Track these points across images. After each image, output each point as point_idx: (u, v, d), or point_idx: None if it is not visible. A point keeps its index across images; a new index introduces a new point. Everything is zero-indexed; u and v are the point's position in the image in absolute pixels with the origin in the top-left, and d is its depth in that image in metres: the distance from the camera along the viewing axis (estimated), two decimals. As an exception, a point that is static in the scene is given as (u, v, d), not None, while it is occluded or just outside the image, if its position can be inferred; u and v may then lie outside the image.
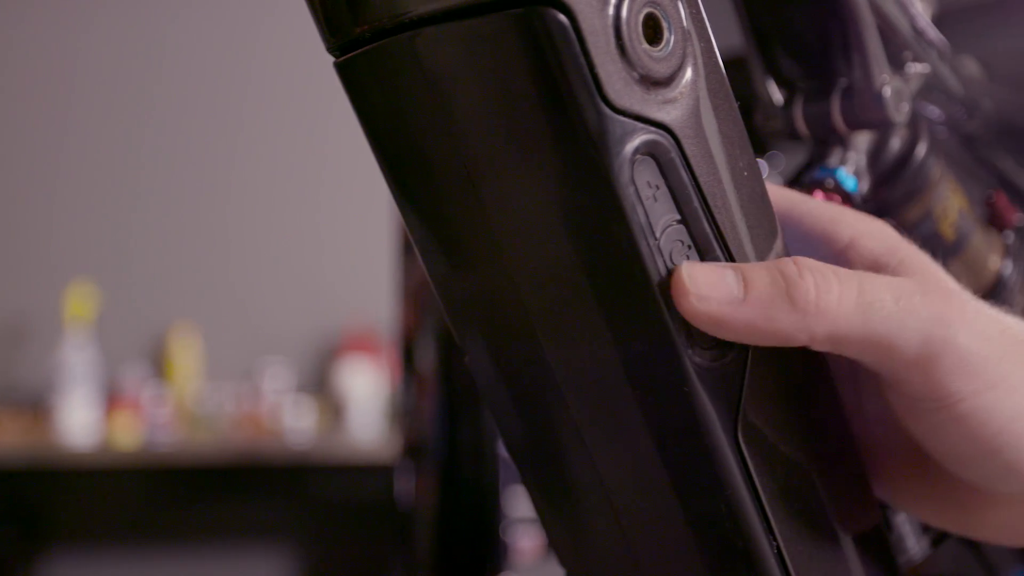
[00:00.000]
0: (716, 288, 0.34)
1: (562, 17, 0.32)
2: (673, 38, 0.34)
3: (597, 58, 0.32)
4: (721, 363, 0.36)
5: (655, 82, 0.34)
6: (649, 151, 0.34)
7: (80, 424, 3.06)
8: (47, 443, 3.03)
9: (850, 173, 0.51)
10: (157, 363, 3.28)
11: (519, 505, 0.97)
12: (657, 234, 0.34)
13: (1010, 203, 0.61)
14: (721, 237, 0.36)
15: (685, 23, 0.35)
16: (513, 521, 0.99)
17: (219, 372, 3.27)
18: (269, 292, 3.32)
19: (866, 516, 0.42)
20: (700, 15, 0.36)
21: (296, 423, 3.16)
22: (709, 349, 0.36)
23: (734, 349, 0.36)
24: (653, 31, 0.34)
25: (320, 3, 0.35)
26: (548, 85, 0.32)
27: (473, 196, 0.35)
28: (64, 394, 3.05)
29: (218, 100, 3.32)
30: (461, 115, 0.34)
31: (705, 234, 0.35)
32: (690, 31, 0.35)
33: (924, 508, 0.43)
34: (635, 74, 0.33)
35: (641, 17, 0.33)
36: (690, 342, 0.35)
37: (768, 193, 0.38)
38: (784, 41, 0.51)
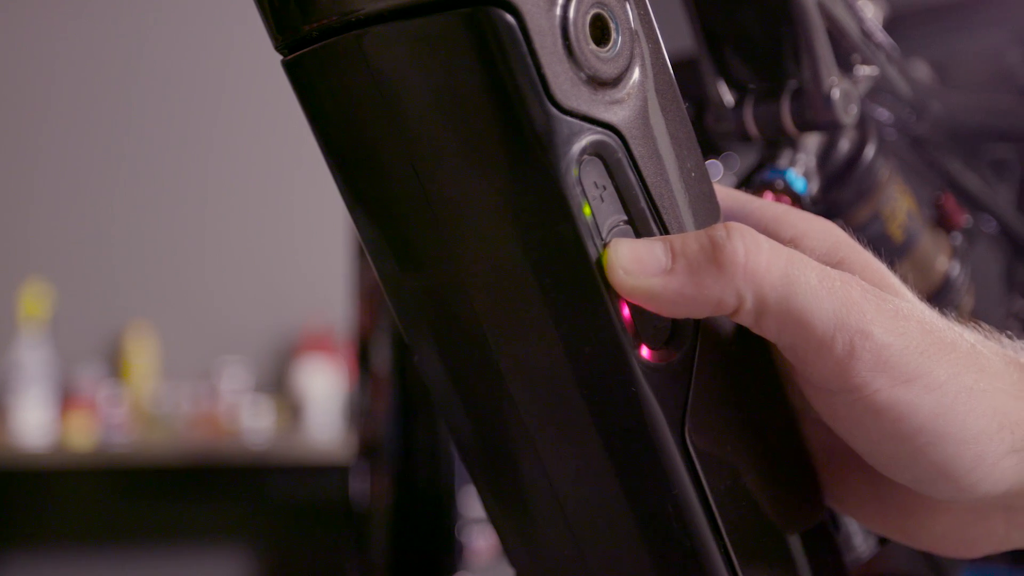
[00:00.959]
0: (643, 261, 0.34)
1: (509, 17, 0.32)
2: (621, 39, 0.34)
3: (544, 58, 0.32)
4: (668, 363, 0.36)
5: (602, 83, 0.34)
6: (596, 151, 0.34)
7: (34, 424, 3.03)
8: (1, 444, 3.00)
9: (799, 174, 0.51)
10: (113, 363, 3.25)
11: (474, 505, 0.98)
12: (604, 235, 0.34)
13: (958, 205, 0.61)
14: (669, 238, 0.36)
15: (633, 24, 0.35)
16: (468, 521, 0.99)
17: (176, 372, 3.25)
18: (226, 291, 3.30)
19: (813, 514, 0.43)
20: (648, 16, 0.36)
21: (254, 423, 3.14)
22: (656, 349, 0.36)
23: (681, 349, 0.36)
24: (600, 31, 0.34)
25: (268, 2, 0.35)
26: (495, 85, 0.32)
27: (420, 195, 0.35)
28: (18, 394, 3.02)
29: (175, 99, 3.29)
30: (408, 114, 0.34)
31: (652, 234, 0.35)
32: (638, 32, 0.35)
33: (868, 513, 0.43)
34: (582, 74, 0.33)
35: (588, 18, 0.33)
36: (637, 342, 0.35)
37: (716, 194, 0.39)
38: (735, 43, 0.51)
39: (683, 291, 0.34)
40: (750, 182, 0.52)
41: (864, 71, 0.52)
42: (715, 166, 0.68)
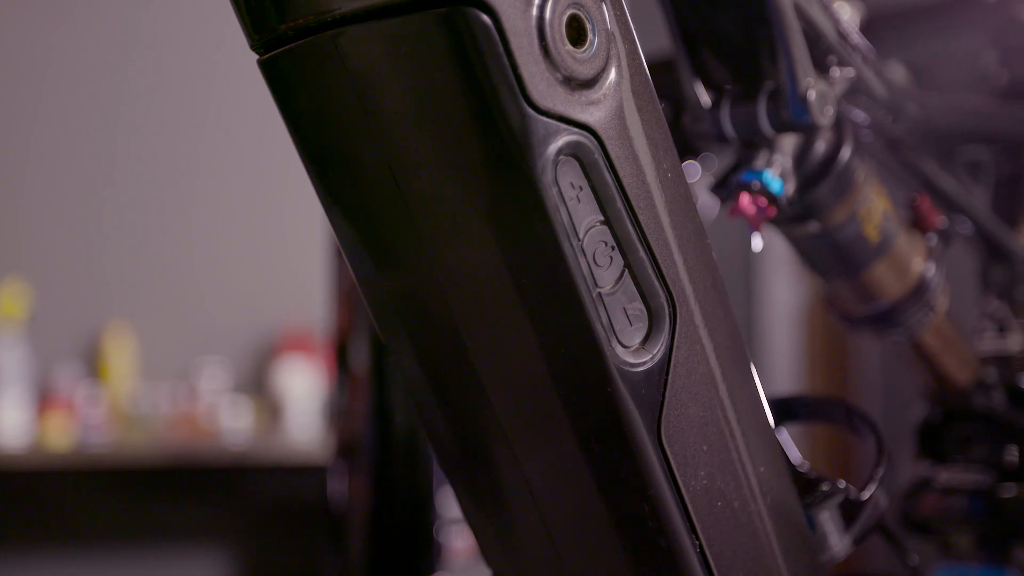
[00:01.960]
0: None
1: (485, 17, 0.32)
2: (597, 40, 0.34)
3: (520, 59, 0.32)
4: (644, 364, 0.36)
5: (579, 83, 0.34)
6: (572, 152, 0.34)
7: (11, 425, 3.01)
8: (-23, 444, 2.98)
9: (776, 175, 0.51)
10: (91, 363, 3.23)
11: (453, 506, 0.97)
12: (580, 235, 0.34)
13: (933, 206, 0.62)
14: (644, 238, 0.36)
15: (609, 25, 0.35)
16: (447, 522, 0.99)
17: (154, 372, 3.23)
18: (205, 291, 3.29)
19: (788, 514, 0.43)
20: (624, 17, 0.36)
21: (233, 424, 3.13)
22: (632, 350, 0.36)
23: (657, 351, 0.36)
24: (577, 32, 0.34)
25: (244, 1, 0.35)
26: (471, 85, 0.32)
27: (396, 195, 0.35)
28: (-5, 394, 3.00)
29: (154, 100, 3.28)
30: (384, 114, 0.34)
31: (628, 235, 0.36)
32: (614, 33, 0.35)
33: None
34: (558, 75, 0.33)
35: (565, 18, 0.34)
36: (613, 343, 0.35)
37: (692, 194, 0.39)
38: (712, 44, 0.51)
39: None
40: (726, 183, 0.52)
41: (840, 73, 0.52)
42: (693, 167, 0.68)
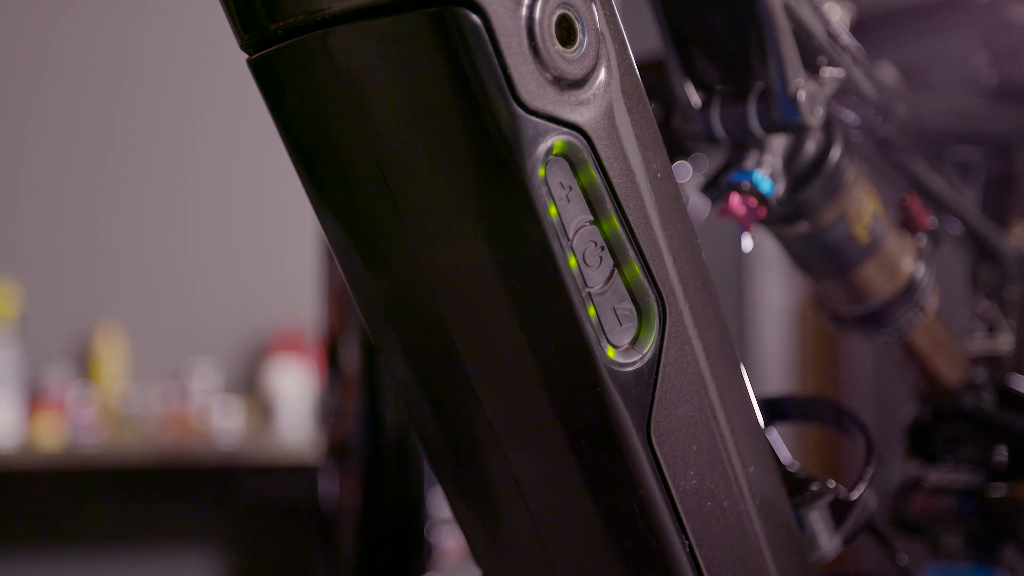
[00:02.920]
0: None
1: (475, 17, 0.32)
2: (587, 40, 0.34)
3: (510, 58, 0.32)
4: (633, 364, 0.36)
5: (568, 83, 0.34)
6: (562, 152, 0.34)
7: (2, 425, 3.00)
8: (-32, 444, 2.97)
9: (766, 175, 0.51)
10: (82, 363, 3.22)
11: (443, 506, 0.97)
12: (570, 235, 0.34)
13: (923, 206, 0.62)
14: (634, 238, 0.36)
15: (599, 25, 0.35)
16: (437, 522, 0.99)
17: (146, 372, 3.22)
18: (197, 291, 3.28)
19: (778, 514, 0.43)
20: (614, 17, 0.36)
21: (224, 424, 3.12)
22: (622, 350, 0.36)
23: (647, 350, 0.36)
24: (566, 32, 0.34)
25: (234, 1, 0.35)
26: (461, 85, 0.32)
27: (386, 195, 0.35)
28: (-15, 394, 2.99)
29: (144, 100, 3.27)
30: (374, 114, 0.34)
31: (618, 235, 0.36)
32: (604, 33, 0.35)
33: None
34: (548, 75, 0.33)
35: (554, 18, 0.34)
36: (603, 343, 0.35)
37: (682, 195, 0.39)
38: (702, 44, 0.51)
39: None
40: (717, 183, 0.52)
41: (830, 73, 0.52)
42: (683, 167, 0.68)
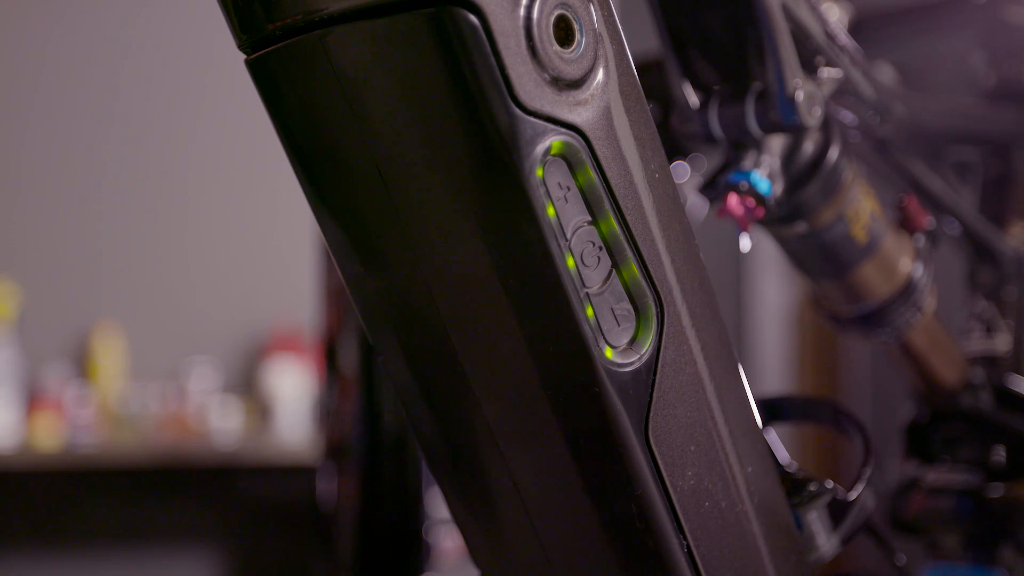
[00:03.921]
0: None
1: (472, 17, 0.32)
2: (585, 40, 0.34)
3: (508, 59, 0.32)
4: (632, 365, 0.36)
5: (566, 84, 0.34)
6: (560, 152, 0.34)
7: (0, 425, 3.00)
8: (-35, 445, 2.97)
9: (764, 176, 0.51)
10: (80, 363, 3.22)
11: (441, 506, 0.97)
12: (568, 235, 0.34)
13: (921, 207, 0.62)
14: (632, 239, 0.36)
15: (597, 25, 0.35)
16: (435, 522, 0.99)
17: (144, 372, 3.22)
18: (195, 291, 3.28)
19: (776, 514, 0.43)
20: (612, 18, 0.36)
21: (222, 424, 3.12)
22: (620, 351, 0.36)
23: (644, 351, 0.36)
24: (564, 33, 0.34)
25: (232, 1, 0.35)
26: (458, 85, 0.32)
27: (384, 196, 0.35)
28: (-17, 394, 2.99)
29: (142, 100, 3.27)
30: (372, 114, 0.34)
31: (616, 236, 0.36)
32: (602, 33, 0.35)
33: None
34: (546, 75, 0.33)
35: (552, 19, 0.34)
36: (600, 343, 0.35)
37: (680, 195, 0.39)
38: (700, 45, 0.51)
39: None
40: (715, 184, 0.52)
41: (828, 73, 0.52)
42: (681, 167, 0.68)
